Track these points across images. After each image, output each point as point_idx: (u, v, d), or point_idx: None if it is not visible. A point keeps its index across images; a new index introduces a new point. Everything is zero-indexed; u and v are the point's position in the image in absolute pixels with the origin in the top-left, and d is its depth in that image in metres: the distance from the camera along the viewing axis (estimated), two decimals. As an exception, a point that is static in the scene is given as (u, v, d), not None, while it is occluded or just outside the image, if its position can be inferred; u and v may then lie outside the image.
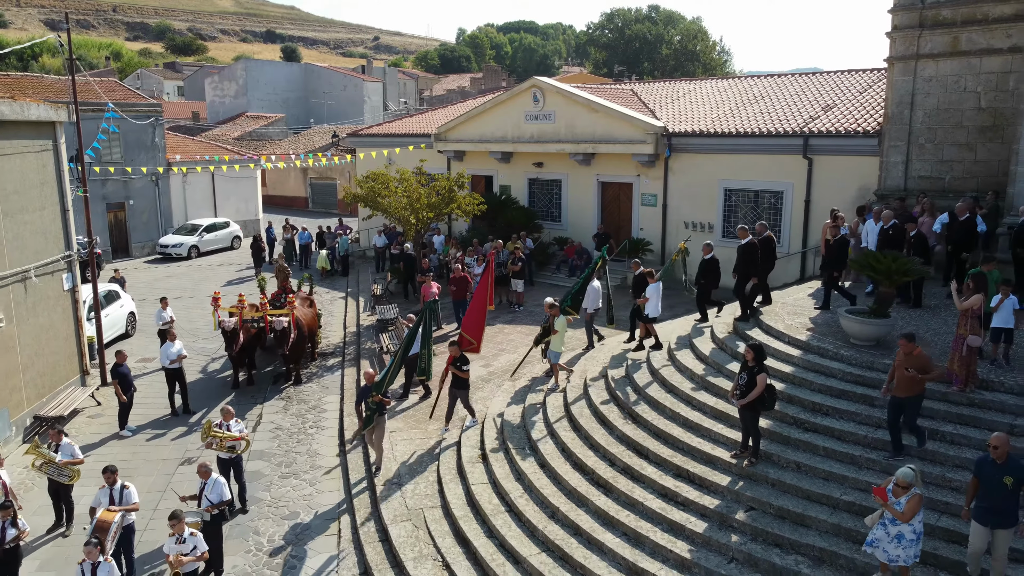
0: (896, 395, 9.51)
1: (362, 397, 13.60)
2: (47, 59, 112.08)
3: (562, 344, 15.14)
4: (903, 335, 9.58)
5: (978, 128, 17.54)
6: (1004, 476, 7.54)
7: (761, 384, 10.05)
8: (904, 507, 7.66)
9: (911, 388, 9.31)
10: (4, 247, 14.34)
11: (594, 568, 9.61)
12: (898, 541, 7.75)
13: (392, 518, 11.72)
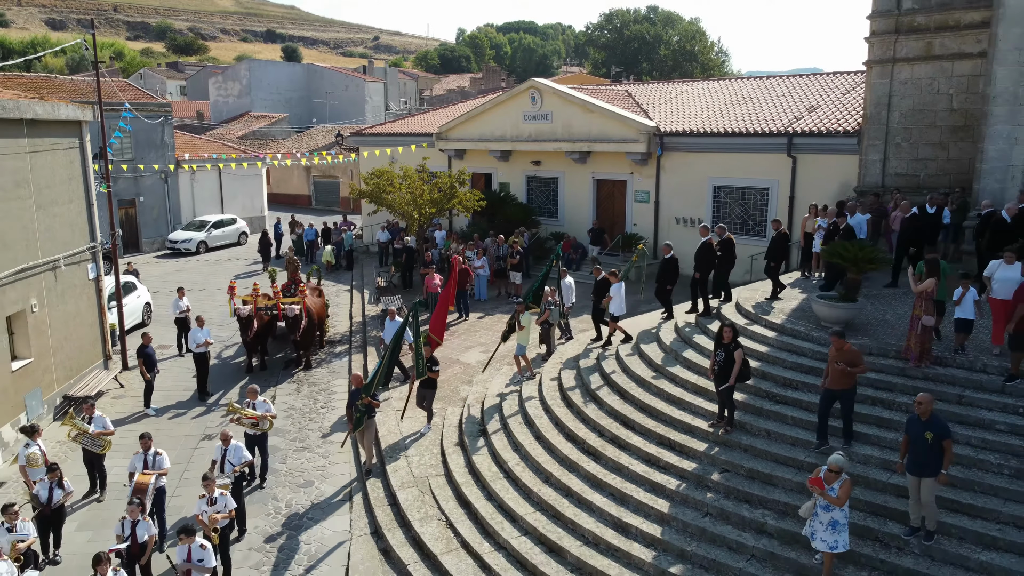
0: (830, 388, 10.28)
1: (352, 400, 13.54)
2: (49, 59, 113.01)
3: (528, 339, 16.00)
4: (833, 333, 10.44)
5: (950, 128, 18.61)
6: (926, 431, 8.58)
7: (739, 359, 11.11)
8: (838, 492, 8.46)
9: (843, 381, 10.12)
10: (37, 238, 15.39)
11: (583, 524, 10.68)
12: (833, 528, 8.52)
13: (400, 485, 12.78)
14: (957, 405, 10.79)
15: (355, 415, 13.30)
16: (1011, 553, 8.63)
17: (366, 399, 13.16)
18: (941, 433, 8.62)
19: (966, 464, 9.86)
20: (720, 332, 11.41)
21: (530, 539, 10.81)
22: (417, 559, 11.04)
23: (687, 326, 15.11)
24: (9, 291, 14.38)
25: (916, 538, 9.01)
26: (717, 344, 11.44)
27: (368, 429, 13.44)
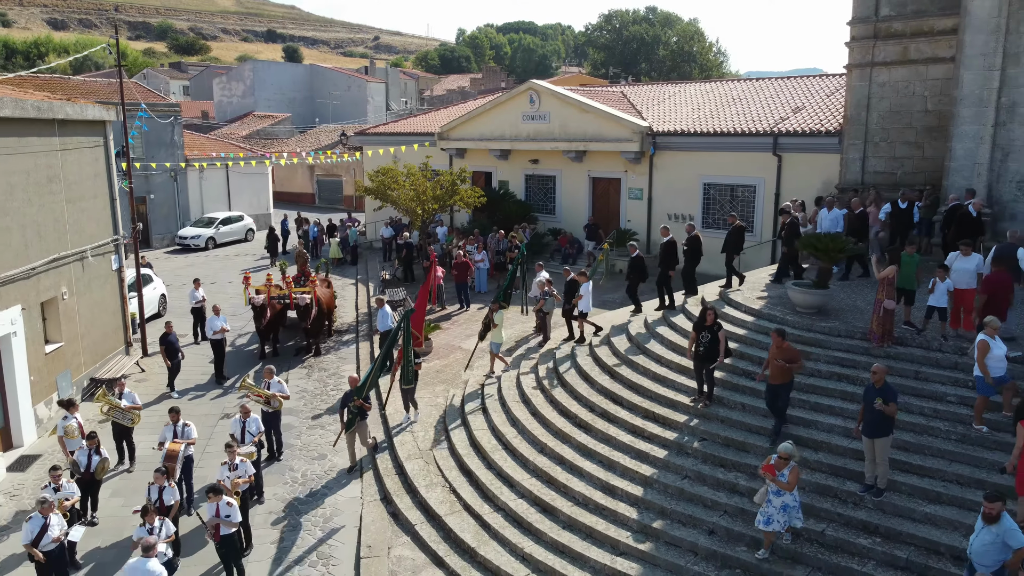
0: (771, 382, 11.23)
1: (344, 402, 13.94)
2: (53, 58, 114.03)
3: (501, 336, 16.91)
4: (775, 331, 11.38)
5: (925, 128, 19.65)
6: (876, 397, 9.66)
7: (724, 340, 12.19)
8: (787, 477, 9.39)
9: (782, 376, 11.05)
10: (67, 230, 16.48)
11: (575, 487, 11.78)
12: (784, 511, 9.45)
13: (406, 456, 13.88)
14: (914, 380, 11.89)
15: (347, 417, 13.75)
16: (952, 506, 9.72)
17: (358, 401, 13.59)
18: (890, 398, 9.70)
19: (918, 431, 10.96)
20: (703, 315, 12.48)
21: (526, 501, 11.91)
22: (423, 520, 12.14)
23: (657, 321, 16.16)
24: (43, 279, 15.47)
25: (869, 494, 10.10)
26: (699, 327, 12.48)
27: (360, 430, 13.95)
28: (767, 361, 11.42)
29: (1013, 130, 16.48)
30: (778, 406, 11.30)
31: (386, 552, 11.53)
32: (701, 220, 25.03)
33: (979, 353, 10.35)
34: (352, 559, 11.51)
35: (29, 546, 9.93)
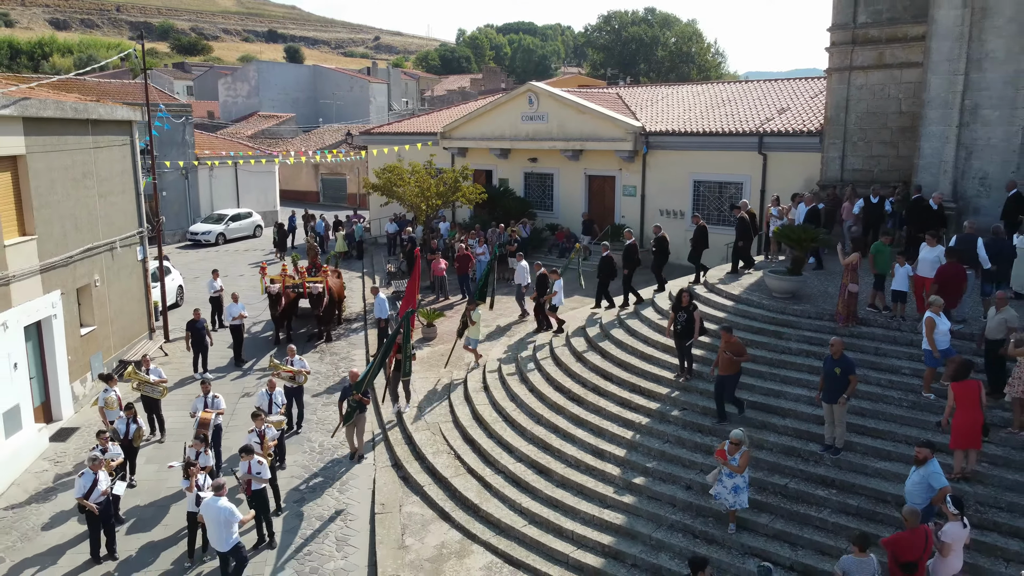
0: (720, 374, 12.27)
1: (344, 395, 14.36)
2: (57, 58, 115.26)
3: (478, 333, 17.88)
4: (723, 328, 12.54)
5: (899, 128, 20.92)
6: (835, 367, 10.96)
7: (699, 319, 13.49)
8: (738, 461, 10.42)
9: (730, 368, 12.18)
10: (99, 222, 17.78)
11: (567, 451, 13.08)
12: (735, 492, 10.53)
13: (415, 429, 15.18)
14: (874, 355, 13.19)
15: (347, 410, 14.11)
16: (900, 462, 10.99)
17: (357, 396, 14.00)
18: (847, 368, 11.00)
19: (875, 399, 12.26)
20: (679, 297, 13.79)
21: (524, 464, 13.22)
22: (431, 482, 13.45)
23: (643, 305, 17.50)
24: (79, 267, 16.76)
25: (828, 453, 11.40)
26: (677, 308, 13.78)
27: (359, 423, 14.46)
28: (717, 357, 12.46)
29: (976, 130, 17.76)
30: (725, 396, 12.38)
31: (398, 509, 12.83)
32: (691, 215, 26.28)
33: (927, 329, 11.63)
34: (367, 516, 12.81)
35: (81, 499, 11.22)
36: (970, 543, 9.02)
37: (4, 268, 13.82)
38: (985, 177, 17.79)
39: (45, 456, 14.80)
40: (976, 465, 10.51)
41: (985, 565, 9.41)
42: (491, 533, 11.89)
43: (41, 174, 15.20)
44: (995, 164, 17.61)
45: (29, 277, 14.68)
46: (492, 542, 11.67)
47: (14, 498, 13.37)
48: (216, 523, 10.21)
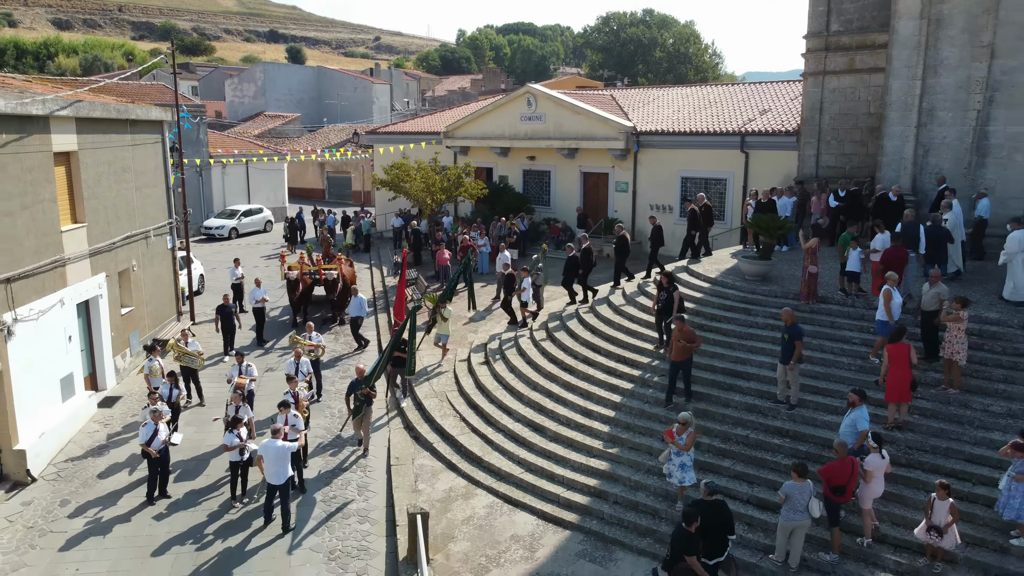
0: (674, 360, 13.71)
1: (352, 390, 14.77)
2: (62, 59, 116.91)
3: (448, 329, 18.92)
4: (676, 318, 14.02)
5: (868, 128, 22.69)
6: (784, 334, 12.75)
7: (678, 298, 15.27)
8: (685, 440, 11.82)
9: (683, 354, 13.67)
10: (136, 212, 19.55)
11: (560, 412, 14.88)
12: (682, 469, 11.97)
13: (424, 396, 16.97)
14: (830, 328, 14.97)
15: (354, 404, 14.66)
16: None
17: (365, 389, 14.50)
18: (794, 335, 12.78)
19: (827, 364, 14.04)
20: (660, 279, 15.61)
21: (521, 424, 15.01)
22: (439, 440, 15.24)
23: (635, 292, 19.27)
24: (120, 252, 18.54)
25: (783, 408, 13.19)
26: (659, 288, 15.60)
27: (366, 417, 15.02)
28: (671, 344, 13.83)
29: (932, 130, 19.54)
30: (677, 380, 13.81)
31: (411, 462, 14.62)
32: (679, 210, 28.11)
33: (885, 300, 13.33)
34: (384, 467, 14.60)
35: (144, 445, 13.02)
36: (890, 472, 10.82)
37: (61, 251, 15.58)
38: (941, 172, 19.55)
39: (95, 419, 16.59)
40: (907, 416, 12.31)
41: (909, 496, 11.19)
42: (492, 480, 13.69)
43: (89, 168, 16.98)
44: (949, 161, 19.40)
45: (80, 260, 16.45)
46: (493, 486, 13.47)
47: (72, 452, 15.16)
48: (275, 460, 12.06)
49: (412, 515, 11.15)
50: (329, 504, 13.39)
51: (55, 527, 12.72)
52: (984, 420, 12.04)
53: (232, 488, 13.53)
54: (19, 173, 14.08)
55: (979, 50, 18.53)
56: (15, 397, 13.77)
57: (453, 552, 11.75)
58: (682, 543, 9.27)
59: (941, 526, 9.79)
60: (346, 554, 12.01)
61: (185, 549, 12.15)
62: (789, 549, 10.61)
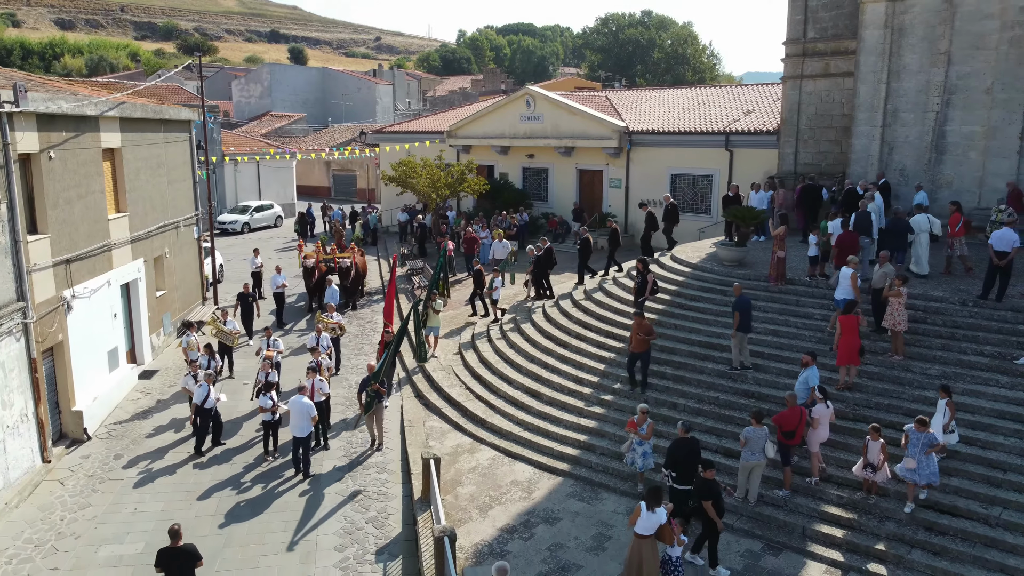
0: (633, 351, 15.26)
1: (363, 387, 15.34)
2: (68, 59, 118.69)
3: (438, 322, 19.68)
4: (635, 313, 15.73)
5: (842, 128, 24.49)
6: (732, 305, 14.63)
7: (651, 281, 17.11)
8: (646, 430, 13.27)
9: (641, 346, 15.24)
10: (168, 204, 21.38)
11: (554, 379, 16.73)
12: (644, 457, 13.41)
13: (433, 369, 18.80)
14: (795, 306, 16.82)
15: (365, 400, 15.14)
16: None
17: (375, 385, 15.02)
18: (735, 306, 14.67)
19: (791, 336, 15.87)
20: (636, 265, 17.50)
21: (520, 391, 16.84)
22: (447, 406, 17.08)
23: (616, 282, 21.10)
24: (155, 240, 20.37)
25: (738, 371, 15.04)
26: (638, 273, 17.47)
27: (378, 413, 15.42)
28: (631, 336, 15.34)
29: (896, 130, 21.37)
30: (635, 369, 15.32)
31: (422, 423, 16.46)
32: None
33: (851, 280, 15.08)
34: (398, 428, 16.43)
35: (199, 404, 14.87)
36: (834, 420, 12.66)
37: (108, 237, 17.40)
38: (904, 168, 21.41)
39: (136, 389, 18.43)
40: (856, 378, 14.14)
41: (853, 444, 13.00)
42: (494, 437, 15.53)
43: (130, 163, 18.79)
44: (911, 158, 21.24)
45: (123, 246, 18.27)
46: (495, 443, 15.31)
47: (119, 416, 16.99)
48: (299, 414, 13.90)
49: (426, 459, 12.96)
50: (351, 458, 15.23)
51: (112, 475, 14.55)
52: (922, 381, 13.88)
53: (265, 444, 15.37)
54: (75, 167, 15.90)
55: (937, 57, 20.37)
56: (73, 365, 15.59)
57: (461, 494, 13.58)
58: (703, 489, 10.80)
59: (875, 463, 11.61)
60: (368, 496, 13.85)
61: (226, 493, 13.98)
62: (748, 487, 12.44)
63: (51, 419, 14.98)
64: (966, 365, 14.02)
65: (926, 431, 11.28)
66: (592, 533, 12.22)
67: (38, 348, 14.20)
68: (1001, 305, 15.02)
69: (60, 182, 15.23)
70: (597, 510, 12.92)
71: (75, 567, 11.83)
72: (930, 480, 11.38)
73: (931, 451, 11.21)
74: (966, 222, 16.89)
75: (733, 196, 22.09)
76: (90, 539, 12.54)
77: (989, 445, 12.35)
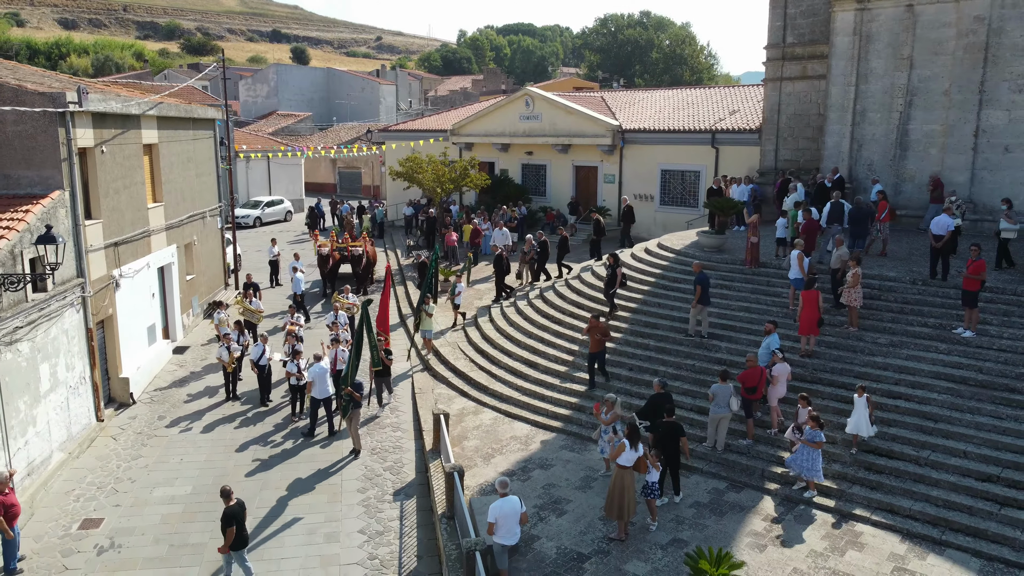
0: (591, 352, 16.52)
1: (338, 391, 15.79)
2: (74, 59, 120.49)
3: (431, 324, 20.36)
4: (592, 316, 17.35)
5: (818, 127, 26.35)
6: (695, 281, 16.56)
7: (619, 275, 18.99)
8: (608, 417, 14.60)
9: (598, 346, 16.75)
10: (196, 196, 23.28)
11: (549, 351, 18.65)
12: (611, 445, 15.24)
13: (440, 344, 20.71)
14: (766, 286, 18.73)
15: (342, 405, 15.23)
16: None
17: (347, 389, 14.96)
18: (696, 281, 16.59)
19: (760, 312, 17.75)
20: (607, 259, 19.41)
21: (519, 362, 18.76)
22: (453, 376, 18.99)
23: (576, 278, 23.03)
24: (185, 228, 22.28)
25: (694, 338, 16.97)
26: (608, 266, 19.35)
27: (354, 418, 15.29)
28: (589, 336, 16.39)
29: (864, 128, 23.27)
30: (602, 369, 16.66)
31: (431, 391, 18.37)
32: (659, 199, 31.90)
33: (798, 261, 17.04)
34: (409, 396, 18.35)
35: (255, 361, 16.83)
36: (791, 378, 14.55)
37: (147, 224, 19.30)
38: (871, 164, 23.32)
39: (171, 362, 20.35)
40: (814, 347, 16.03)
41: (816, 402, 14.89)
42: (496, 401, 17.44)
43: (166, 157, 20.70)
44: (878, 154, 23.14)
45: (159, 233, 20.17)
46: (497, 406, 17.22)
47: (159, 384, 18.92)
48: (320, 379, 15.80)
49: (436, 415, 14.86)
50: (368, 419, 17.14)
51: (158, 433, 16.47)
52: (872, 349, 15.78)
53: (292, 407, 17.29)
54: (122, 160, 17.80)
55: (900, 61, 22.27)
56: (120, 336, 17.49)
57: (467, 446, 15.49)
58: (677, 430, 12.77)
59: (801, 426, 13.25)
60: (384, 450, 15.76)
61: (260, 446, 15.90)
62: (716, 437, 14.34)
63: (102, 384, 16.87)
64: (911, 335, 15.91)
65: (816, 428, 12.63)
66: (580, 476, 14.12)
67: (93, 320, 16.10)
68: (947, 284, 16.92)
69: (109, 173, 17.13)
70: (585, 458, 14.82)
71: (134, 504, 13.74)
72: (802, 471, 12.75)
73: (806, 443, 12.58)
74: (891, 210, 19.00)
75: (716, 189, 24.02)
76: (145, 482, 14.45)
77: (925, 401, 14.24)
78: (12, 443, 12.90)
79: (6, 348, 12.80)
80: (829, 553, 11.47)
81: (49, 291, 14.27)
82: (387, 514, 13.46)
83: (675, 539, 11.95)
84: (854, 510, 12.46)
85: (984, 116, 21.15)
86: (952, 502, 12.18)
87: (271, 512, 13.47)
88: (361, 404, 15.50)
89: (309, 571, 11.88)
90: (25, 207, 14.20)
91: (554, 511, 12.85)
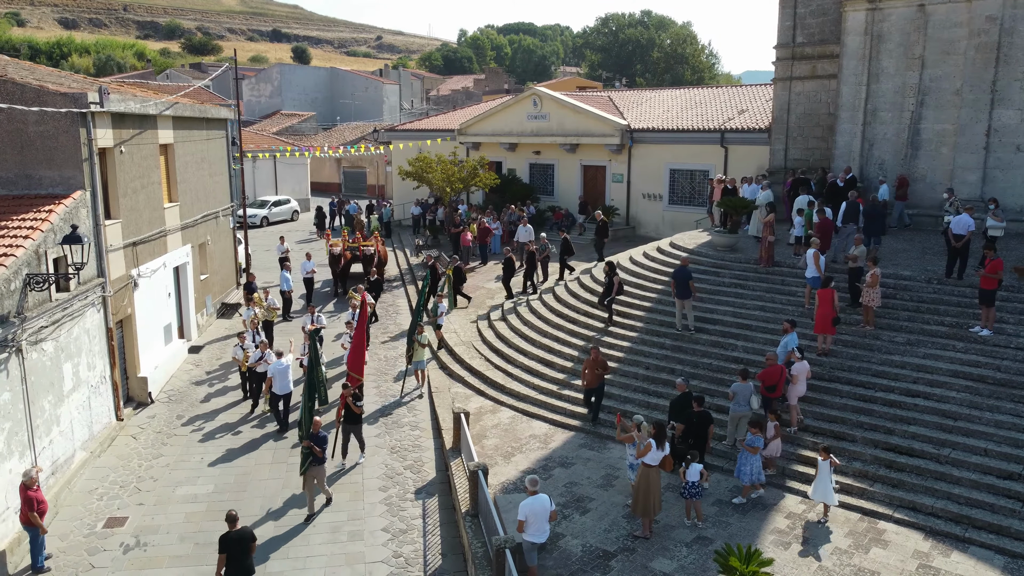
0: (588, 387, 15.72)
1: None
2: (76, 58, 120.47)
3: (424, 355, 18.50)
4: (592, 347, 16.83)
5: (828, 126, 26.41)
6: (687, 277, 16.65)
7: (616, 283, 19.04)
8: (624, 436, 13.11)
9: (595, 381, 15.89)
10: (209, 196, 23.33)
11: (564, 350, 18.71)
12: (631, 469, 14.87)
13: (454, 343, 20.77)
14: (781, 284, 18.80)
15: (301, 457, 13.12)
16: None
17: (306, 443, 12.90)
18: (672, 275, 16.68)
19: (776, 311, 17.80)
20: (604, 268, 19.49)
21: (534, 360, 18.84)
22: (469, 375, 19.07)
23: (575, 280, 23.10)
24: (199, 228, 22.33)
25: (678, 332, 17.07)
26: (606, 275, 19.41)
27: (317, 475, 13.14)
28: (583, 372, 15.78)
29: (875, 128, 23.34)
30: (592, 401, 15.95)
31: (447, 389, 18.44)
32: (668, 198, 31.97)
33: (814, 258, 17.11)
34: (427, 395, 18.41)
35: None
36: (811, 376, 14.62)
37: (164, 224, 19.36)
38: (883, 163, 23.39)
39: (187, 361, 20.41)
40: (831, 345, 16.11)
41: (827, 400, 14.97)
42: (513, 400, 17.52)
43: (181, 157, 20.75)
44: (889, 153, 23.21)
45: (175, 232, 20.23)
46: (514, 405, 17.30)
47: (176, 384, 18.98)
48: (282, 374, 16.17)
49: (456, 413, 14.93)
50: (387, 418, 17.21)
51: (177, 432, 16.55)
52: (889, 347, 15.85)
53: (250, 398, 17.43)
54: (139, 160, 17.86)
55: (912, 61, 22.34)
56: (138, 336, 17.55)
57: (486, 445, 15.56)
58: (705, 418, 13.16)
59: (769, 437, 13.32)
60: (403, 448, 15.84)
61: (278, 444, 15.98)
62: (736, 436, 14.41)
63: (121, 383, 16.93)
64: (928, 334, 15.99)
65: (758, 434, 12.74)
66: (601, 474, 14.19)
67: (113, 319, 16.16)
68: (962, 282, 16.99)
69: (128, 173, 17.19)
70: (605, 457, 14.90)
71: (157, 503, 13.81)
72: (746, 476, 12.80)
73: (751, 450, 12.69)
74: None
75: (731, 188, 23.98)
76: (167, 481, 14.52)
77: (944, 399, 14.32)
78: (38, 442, 12.97)
79: (31, 348, 12.86)
80: (853, 551, 11.54)
81: (72, 291, 14.33)
82: (409, 512, 13.53)
83: (699, 537, 12.03)
84: (877, 508, 12.53)
85: (996, 115, 21.22)
86: (974, 499, 12.26)
87: (295, 511, 13.53)
88: (324, 460, 13.19)
89: (335, 569, 11.96)
90: (48, 207, 14.26)
91: (578, 509, 12.92)
